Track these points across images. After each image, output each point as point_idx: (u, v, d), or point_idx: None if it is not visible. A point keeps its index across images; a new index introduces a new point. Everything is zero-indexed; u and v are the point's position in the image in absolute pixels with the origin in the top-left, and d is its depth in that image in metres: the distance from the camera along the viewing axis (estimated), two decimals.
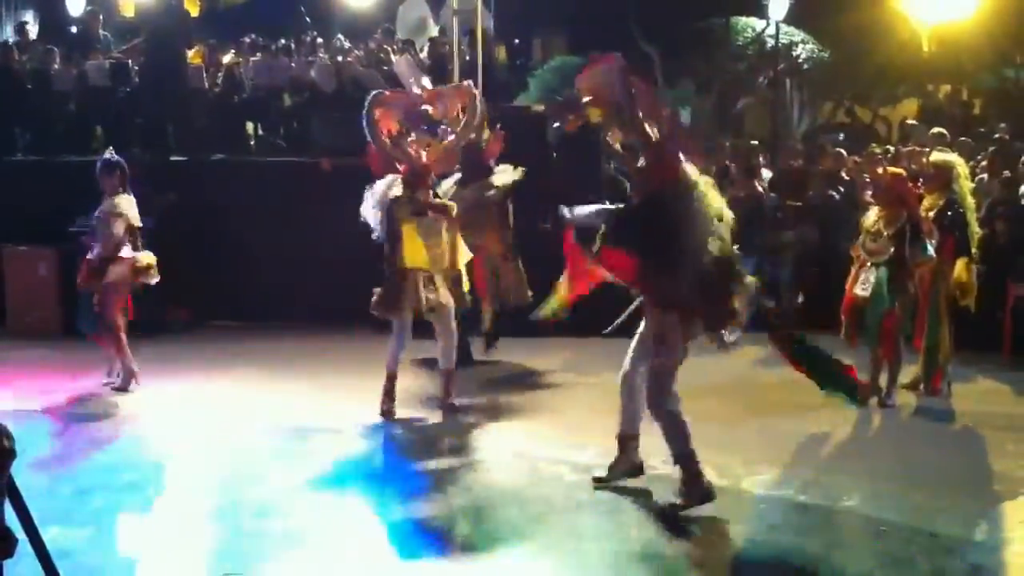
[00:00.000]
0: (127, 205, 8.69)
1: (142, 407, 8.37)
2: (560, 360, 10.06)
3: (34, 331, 11.07)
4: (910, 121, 14.97)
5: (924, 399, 8.50)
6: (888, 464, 6.96)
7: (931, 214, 8.38)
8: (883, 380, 8.32)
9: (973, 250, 8.43)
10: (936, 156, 8.87)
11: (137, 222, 8.74)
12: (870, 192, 8.78)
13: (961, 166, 8.58)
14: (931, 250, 8.07)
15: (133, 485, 6.45)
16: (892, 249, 8.06)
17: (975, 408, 8.35)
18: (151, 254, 8.77)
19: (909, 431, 7.87)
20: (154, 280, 8.79)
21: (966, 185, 8.54)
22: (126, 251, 8.66)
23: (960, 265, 8.32)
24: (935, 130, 12.03)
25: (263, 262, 11.22)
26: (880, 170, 9.55)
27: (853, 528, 5.75)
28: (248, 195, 12.09)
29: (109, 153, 8.91)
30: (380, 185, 7.83)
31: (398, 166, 7.84)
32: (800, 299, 12.29)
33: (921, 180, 8.93)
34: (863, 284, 8.21)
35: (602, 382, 9.07)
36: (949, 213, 8.35)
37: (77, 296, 9.20)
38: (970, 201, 8.49)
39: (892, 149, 13.07)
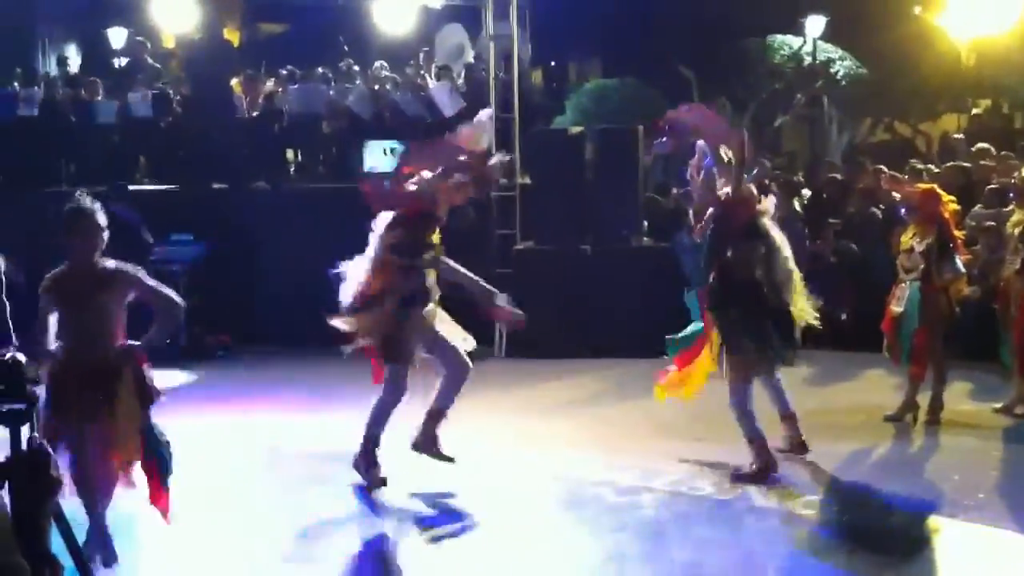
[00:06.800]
0: None
1: (181, 431, 8.36)
2: (596, 383, 10.03)
3: None
4: (956, 136, 14.80)
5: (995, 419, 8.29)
6: (927, 485, 6.86)
7: (1017, 231, 8.22)
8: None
9: None
10: None
11: None
12: (904, 209, 8.66)
13: None
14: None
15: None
16: (922, 266, 7.95)
17: None
18: None
19: (950, 451, 7.69)
20: None
21: None
22: None
23: None
24: (979, 145, 11.90)
25: (304, 287, 11.29)
26: (909, 187, 9.36)
27: (895, 550, 5.68)
28: (289, 221, 12.22)
29: None
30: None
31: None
32: (844, 316, 12.18)
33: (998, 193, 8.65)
34: (898, 301, 8.11)
35: (640, 405, 9.03)
36: None
37: None
38: None
39: (932, 165, 12.92)
